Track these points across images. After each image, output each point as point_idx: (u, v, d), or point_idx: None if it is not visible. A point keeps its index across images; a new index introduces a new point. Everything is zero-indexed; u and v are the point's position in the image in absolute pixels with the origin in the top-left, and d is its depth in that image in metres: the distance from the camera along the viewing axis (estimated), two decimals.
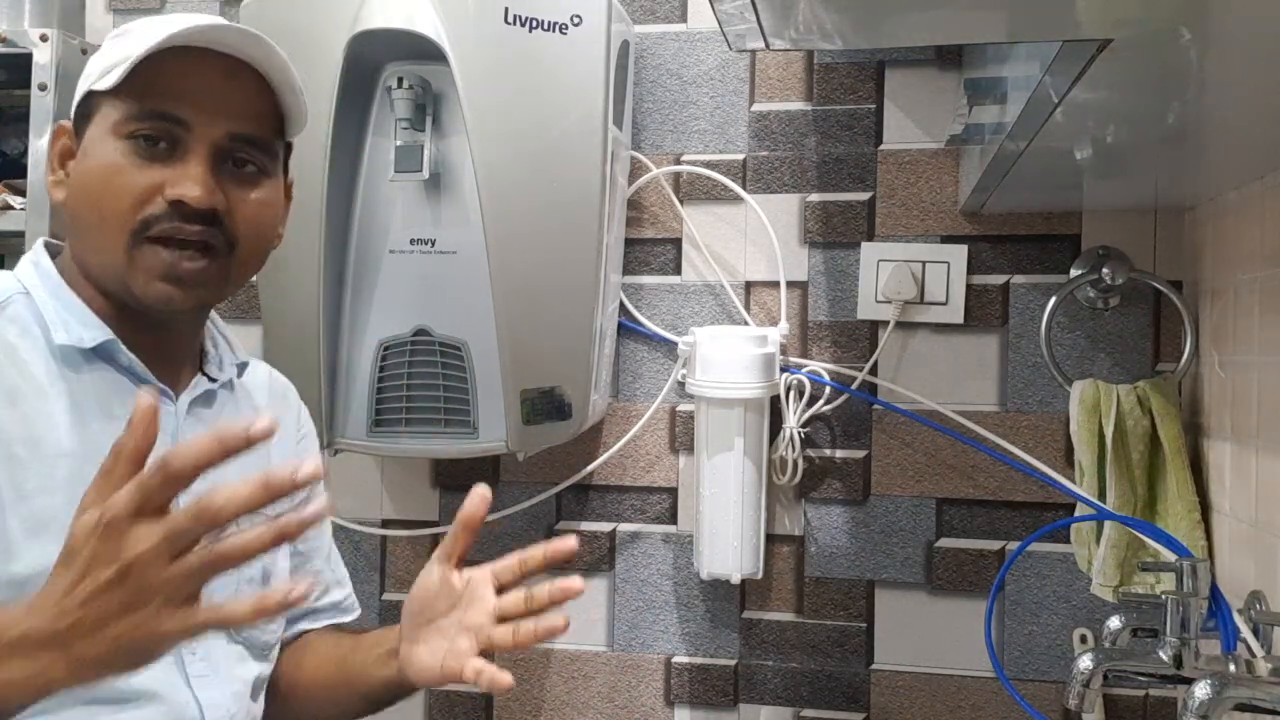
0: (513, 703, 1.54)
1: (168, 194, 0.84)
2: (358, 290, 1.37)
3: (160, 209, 0.84)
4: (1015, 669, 1.42)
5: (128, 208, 0.84)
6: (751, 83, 1.50)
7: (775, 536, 1.48)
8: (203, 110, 0.86)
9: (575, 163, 1.29)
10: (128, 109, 0.85)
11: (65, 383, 0.85)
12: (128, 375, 0.88)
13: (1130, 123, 0.95)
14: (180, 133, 0.85)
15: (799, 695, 1.47)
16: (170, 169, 0.85)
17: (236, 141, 0.88)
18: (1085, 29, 0.67)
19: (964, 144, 1.38)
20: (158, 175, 0.85)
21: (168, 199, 0.84)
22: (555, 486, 1.52)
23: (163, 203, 0.84)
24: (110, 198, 0.84)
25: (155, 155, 0.85)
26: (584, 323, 1.32)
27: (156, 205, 0.84)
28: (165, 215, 0.84)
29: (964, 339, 1.44)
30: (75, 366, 0.86)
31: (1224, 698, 0.86)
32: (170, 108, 0.85)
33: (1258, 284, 1.16)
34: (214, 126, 0.86)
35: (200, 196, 0.84)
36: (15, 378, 0.83)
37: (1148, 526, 1.25)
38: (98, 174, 0.85)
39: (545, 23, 1.26)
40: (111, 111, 0.86)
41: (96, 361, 0.87)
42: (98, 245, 0.86)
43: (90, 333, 0.86)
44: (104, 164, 0.85)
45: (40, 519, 0.80)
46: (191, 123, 0.85)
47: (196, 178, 0.85)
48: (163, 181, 0.84)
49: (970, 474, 1.44)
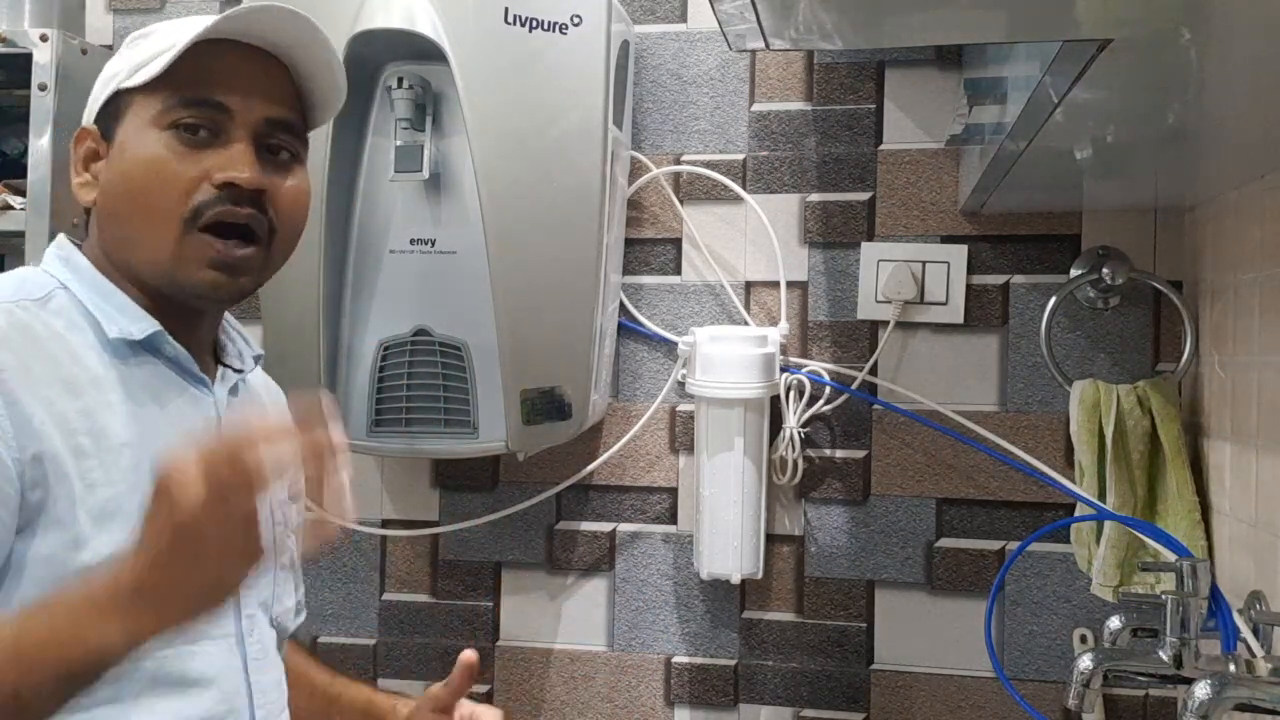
0: (513, 703, 1.54)
1: (217, 177, 0.86)
2: (358, 290, 1.37)
3: (210, 195, 0.86)
4: (1015, 669, 1.42)
5: (178, 196, 0.85)
6: (751, 83, 1.50)
7: (775, 536, 1.48)
8: (242, 96, 0.87)
9: (575, 163, 1.29)
10: (167, 100, 0.86)
11: (118, 373, 0.86)
12: (172, 366, 0.90)
13: (1130, 123, 0.95)
14: (222, 119, 0.87)
15: (799, 695, 1.47)
16: (214, 155, 0.86)
17: (273, 127, 0.90)
18: (1085, 29, 0.67)
19: (964, 144, 1.38)
20: (205, 162, 0.86)
21: (217, 182, 0.86)
22: (555, 486, 1.52)
23: (211, 188, 0.86)
24: (159, 188, 0.86)
25: (199, 143, 0.86)
26: (584, 323, 1.32)
27: (205, 191, 0.86)
28: (216, 200, 0.86)
29: (964, 339, 1.44)
30: (124, 358, 0.87)
31: (1224, 698, 0.86)
32: (211, 93, 0.86)
33: (1258, 284, 1.16)
34: (253, 112, 0.88)
35: (251, 177, 0.86)
36: (71, 369, 0.83)
37: (1148, 526, 1.25)
38: (143, 166, 0.86)
39: (545, 23, 1.26)
40: (148, 105, 0.87)
41: (143, 353, 0.88)
42: (144, 237, 0.87)
43: (139, 325, 0.87)
44: (147, 156, 0.86)
45: (106, 509, 0.81)
46: (233, 108, 0.87)
47: (245, 160, 0.87)
48: (210, 168, 0.86)
49: (970, 474, 1.44)
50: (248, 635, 0.91)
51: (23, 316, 0.83)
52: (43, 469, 0.79)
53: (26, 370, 0.81)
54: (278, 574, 0.97)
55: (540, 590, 1.54)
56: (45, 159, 1.34)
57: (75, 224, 1.35)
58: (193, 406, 0.91)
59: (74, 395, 0.82)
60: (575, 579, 1.53)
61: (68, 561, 0.79)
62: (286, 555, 0.99)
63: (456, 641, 1.55)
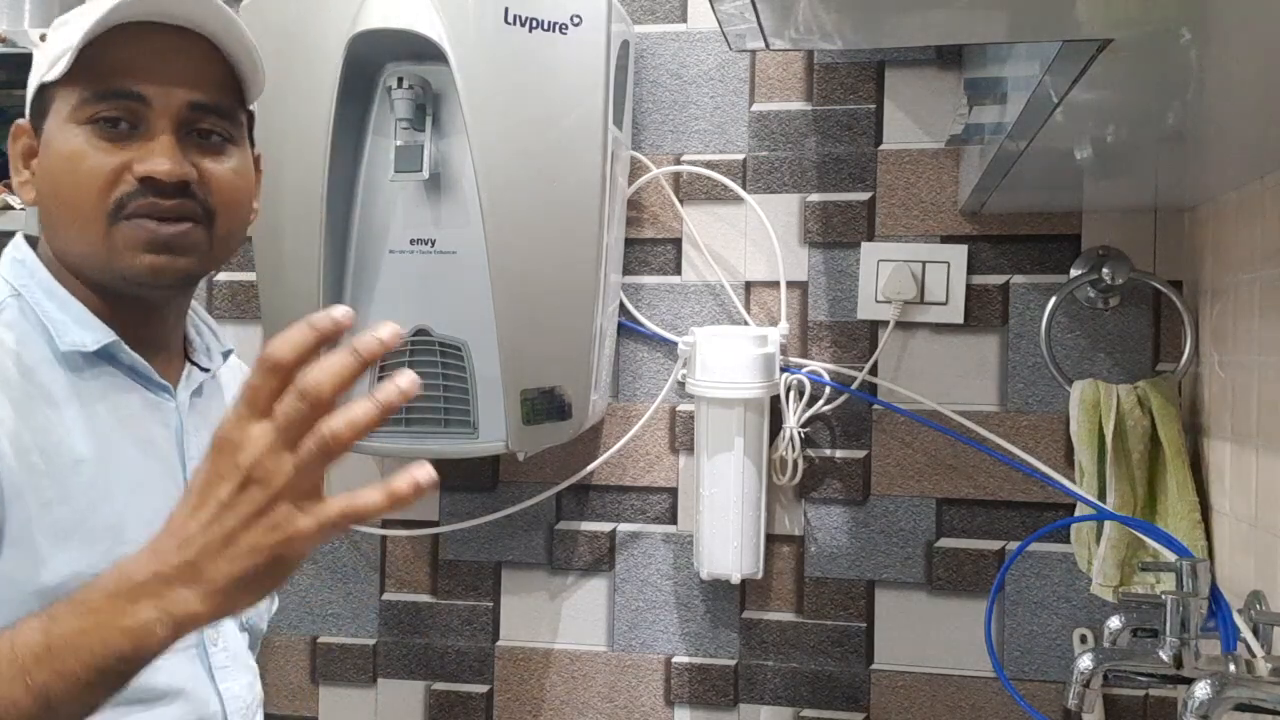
0: (513, 703, 1.54)
1: (136, 171, 0.82)
2: (358, 290, 1.37)
3: (131, 187, 0.83)
4: (1015, 669, 1.42)
5: (98, 191, 0.83)
6: (751, 83, 1.50)
7: (775, 536, 1.48)
8: (159, 83, 0.84)
9: (575, 163, 1.29)
10: (82, 94, 0.83)
11: (73, 388, 0.83)
12: (130, 374, 0.88)
13: (1130, 123, 0.95)
14: (140, 109, 0.83)
15: (799, 695, 1.47)
16: (135, 147, 0.83)
17: (198, 111, 0.86)
18: (1085, 29, 0.67)
19: (964, 144, 1.38)
20: (124, 155, 0.83)
21: (137, 176, 0.82)
22: (555, 486, 1.52)
23: (133, 181, 0.83)
24: (79, 184, 0.83)
25: (118, 136, 0.83)
26: (584, 323, 1.32)
27: (127, 184, 0.83)
28: (138, 192, 0.83)
29: (964, 339, 1.44)
30: (79, 370, 0.84)
31: (1224, 698, 0.86)
32: (126, 84, 0.83)
33: (1258, 284, 1.16)
34: (173, 98, 0.84)
35: (170, 169, 0.83)
36: (24, 386, 0.81)
37: (1148, 526, 1.25)
38: (62, 163, 0.84)
39: (545, 23, 1.26)
40: (66, 100, 0.84)
41: (99, 363, 0.86)
42: (75, 234, 0.85)
43: (93, 335, 0.85)
44: (67, 152, 0.83)
45: (63, 528, 0.79)
46: (150, 97, 0.83)
47: (164, 151, 0.83)
48: (129, 160, 0.83)
49: (970, 474, 1.44)
50: (210, 645, 0.89)
51: None
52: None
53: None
54: None
55: (540, 590, 1.54)
56: None
57: None
58: (153, 414, 0.89)
59: (27, 413, 0.80)
60: (575, 579, 1.53)
61: (27, 583, 0.77)
62: None
63: (456, 641, 1.55)
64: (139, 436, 0.87)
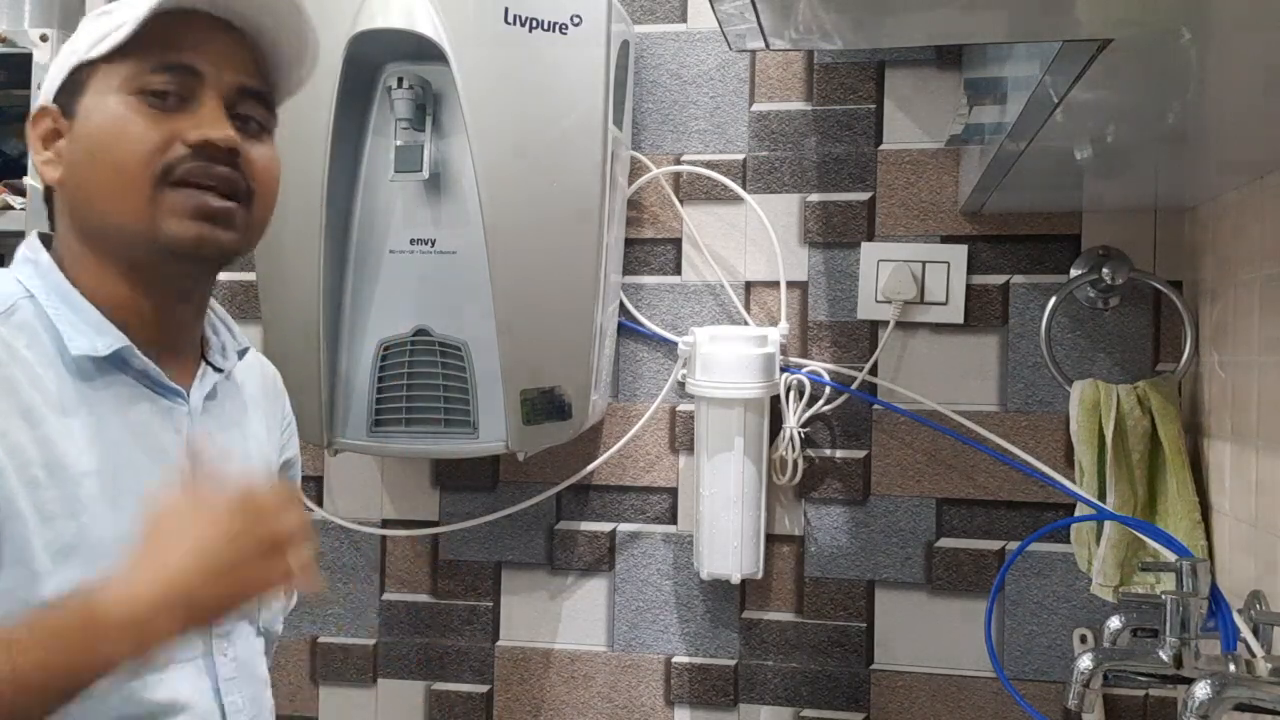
0: (513, 703, 1.54)
1: (191, 136, 0.82)
2: (358, 290, 1.37)
3: (181, 153, 0.82)
4: (1015, 669, 1.42)
5: (146, 156, 0.82)
6: (751, 83, 1.50)
7: (775, 536, 1.48)
8: (212, 60, 0.85)
9: (575, 163, 1.29)
10: (135, 66, 0.83)
11: (81, 396, 0.82)
12: (141, 379, 0.86)
13: (1130, 123, 0.95)
14: (193, 83, 0.84)
15: (799, 695, 1.47)
16: (184, 119, 0.83)
17: (244, 95, 0.87)
18: (1085, 29, 0.67)
19: (964, 144, 1.38)
20: (174, 124, 0.83)
21: (190, 141, 0.82)
22: (555, 486, 1.52)
23: (182, 148, 0.82)
24: (125, 148, 0.82)
25: (167, 108, 0.83)
26: (584, 323, 1.32)
27: (176, 150, 0.83)
28: (188, 157, 0.83)
29: (964, 339, 1.44)
30: (89, 377, 0.83)
31: (1224, 698, 0.86)
32: (181, 58, 0.84)
33: (1258, 284, 1.16)
34: (225, 75, 0.85)
35: (227, 136, 0.83)
36: (31, 395, 0.79)
37: (1148, 526, 1.25)
38: (106, 130, 0.83)
39: (545, 23, 1.26)
40: (113, 74, 0.83)
41: (110, 369, 0.84)
42: (114, 203, 0.83)
43: (104, 340, 0.83)
44: (112, 119, 0.83)
45: (66, 542, 0.78)
46: (204, 71, 0.84)
47: (217, 119, 0.84)
48: (178, 130, 0.83)
49: (970, 474, 1.44)
50: (219, 655, 0.88)
51: None
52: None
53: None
54: None
55: (540, 590, 1.54)
56: None
57: None
58: (164, 420, 0.87)
59: (31, 424, 0.79)
60: (575, 579, 1.53)
61: (28, 598, 0.76)
62: None
63: (456, 641, 1.55)
64: (149, 445, 0.85)
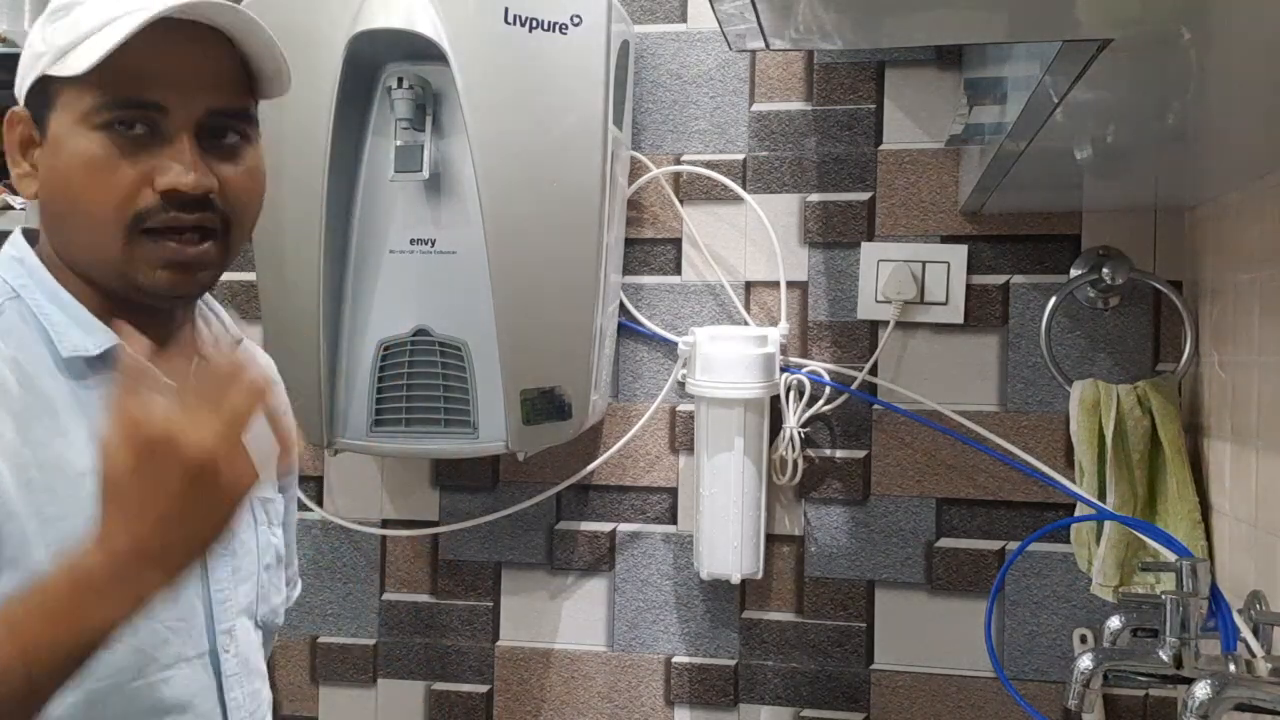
0: (513, 703, 1.54)
1: (159, 184, 0.80)
2: (358, 290, 1.37)
3: (152, 201, 0.80)
4: (1015, 669, 1.42)
5: (118, 203, 0.80)
6: (751, 83, 1.50)
7: (775, 536, 1.48)
8: (179, 90, 0.81)
9: (575, 163, 1.29)
10: (98, 98, 0.79)
11: (74, 396, 0.81)
12: None
13: (1130, 123, 0.95)
14: (159, 117, 0.80)
15: (799, 695, 1.47)
16: (155, 156, 0.80)
17: (216, 116, 0.83)
18: (1085, 29, 0.67)
19: (964, 144, 1.38)
20: (142, 165, 0.80)
21: (159, 189, 0.80)
22: (555, 486, 1.52)
23: (153, 195, 0.80)
24: (96, 195, 0.80)
25: (135, 143, 0.80)
26: (584, 323, 1.32)
27: (147, 198, 0.80)
28: (159, 207, 0.80)
29: (964, 339, 1.44)
30: (81, 376, 0.82)
31: (1224, 698, 0.86)
32: (145, 94, 0.80)
33: (1258, 284, 1.16)
34: (193, 105, 0.81)
35: (194, 181, 0.80)
36: (24, 397, 0.79)
37: (1148, 526, 1.25)
38: (78, 169, 0.80)
39: (545, 23, 1.26)
40: (78, 100, 0.80)
41: (102, 368, 0.83)
42: (88, 242, 0.82)
43: (94, 339, 0.82)
44: (82, 158, 0.80)
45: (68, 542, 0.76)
46: (169, 106, 0.80)
47: (186, 162, 0.80)
48: (150, 170, 0.80)
49: (970, 474, 1.44)
50: (223, 651, 0.87)
51: None
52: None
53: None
54: (261, 574, 0.93)
55: (540, 590, 1.54)
56: None
57: None
58: None
59: (26, 426, 0.78)
60: (575, 579, 1.53)
61: None
62: (270, 553, 0.95)
63: (456, 641, 1.55)
64: None
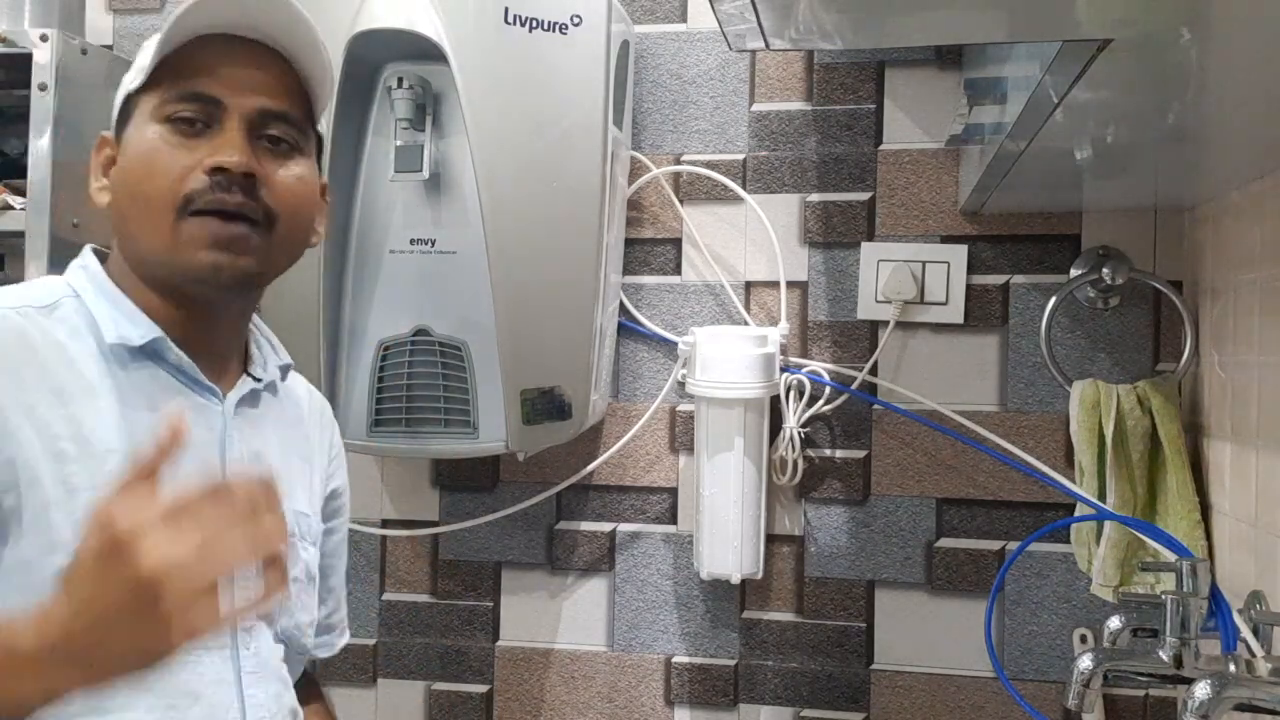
0: (513, 703, 1.54)
1: (206, 163, 0.86)
2: (358, 290, 1.37)
3: (201, 183, 0.86)
4: (1015, 669, 1.42)
5: (170, 185, 0.86)
6: (751, 83, 1.50)
7: (775, 536, 1.48)
8: (234, 87, 0.88)
9: (575, 163, 1.29)
10: (163, 95, 0.87)
11: (113, 380, 0.85)
12: (176, 374, 0.89)
13: (1130, 123, 0.95)
14: (214, 110, 0.88)
15: (799, 695, 1.47)
16: (207, 144, 0.87)
17: (269, 117, 0.90)
18: (1085, 29, 0.67)
19: (964, 144, 1.38)
20: (196, 151, 0.87)
21: (206, 168, 0.86)
22: (555, 486, 1.52)
23: (202, 175, 0.86)
24: (153, 178, 0.87)
25: (192, 134, 0.87)
26: (584, 323, 1.32)
27: (196, 179, 0.86)
28: (206, 188, 0.86)
29: (964, 339, 1.44)
30: (124, 364, 0.87)
31: (1224, 698, 0.86)
32: (203, 87, 0.87)
33: (1258, 284, 1.16)
34: (246, 102, 0.88)
35: (239, 160, 0.86)
36: (64, 376, 0.83)
37: (1148, 526, 1.25)
38: (140, 160, 0.88)
39: (545, 23, 1.26)
40: (148, 102, 0.88)
41: (145, 360, 0.88)
42: (145, 230, 0.88)
43: (139, 330, 0.87)
44: (144, 150, 0.88)
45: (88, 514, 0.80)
46: (224, 99, 0.88)
47: (233, 144, 0.87)
48: (201, 157, 0.86)
49: (970, 474, 1.44)
50: (243, 648, 0.90)
51: (19, 322, 0.84)
52: (14, 474, 0.79)
53: (13, 375, 0.81)
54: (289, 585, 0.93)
55: (540, 590, 1.54)
56: (45, 159, 1.34)
57: (75, 224, 1.35)
58: (197, 416, 0.89)
59: (62, 402, 0.82)
60: (575, 579, 1.53)
61: (45, 566, 0.77)
62: (300, 567, 0.97)
63: (456, 641, 1.55)
64: None
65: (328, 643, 1.11)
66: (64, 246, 1.32)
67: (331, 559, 1.10)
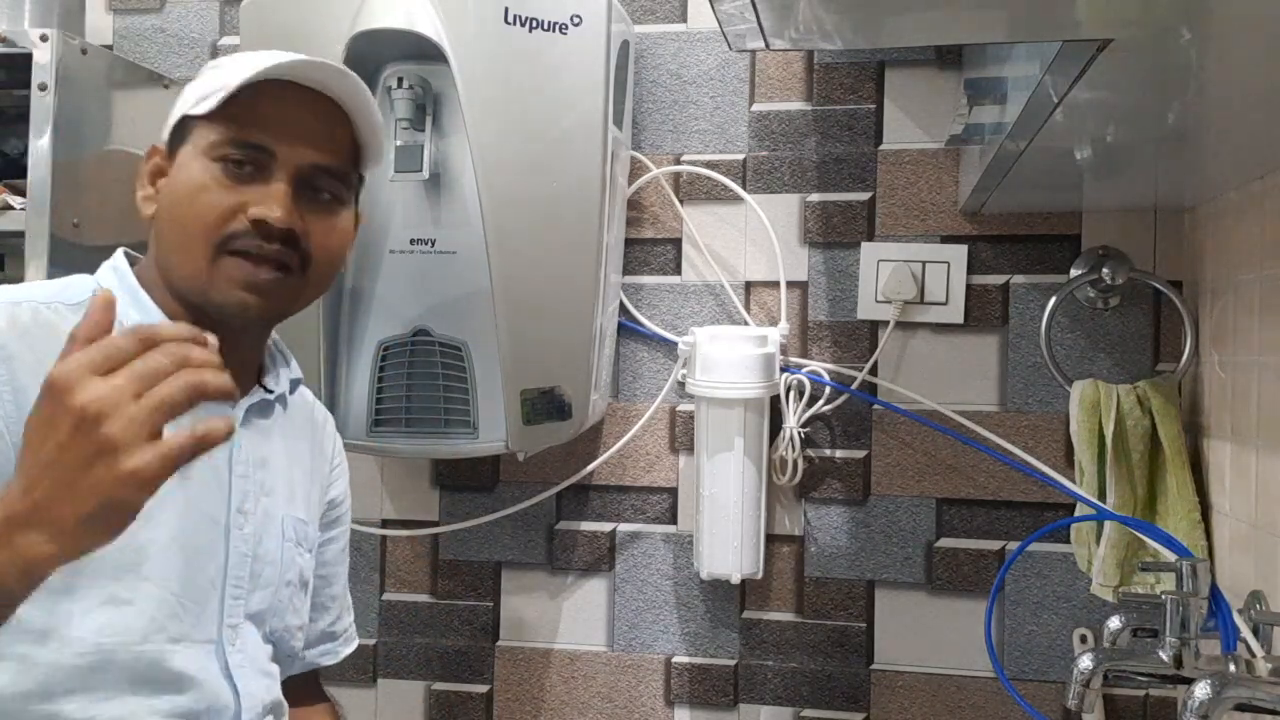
0: (513, 703, 1.54)
1: (251, 213, 0.90)
2: (358, 290, 1.37)
3: (243, 226, 0.90)
4: (1015, 669, 1.42)
5: (213, 222, 0.90)
6: (751, 83, 1.50)
7: (775, 536, 1.48)
8: (288, 140, 0.92)
9: (575, 163, 1.29)
10: (220, 134, 0.91)
11: None
12: None
13: (1130, 123, 0.95)
14: (265, 159, 0.91)
15: (799, 695, 1.47)
16: (254, 191, 0.91)
17: (316, 171, 0.94)
18: (1085, 29, 0.67)
19: (964, 144, 1.38)
20: (242, 196, 0.90)
21: (250, 217, 0.90)
22: (555, 486, 1.52)
23: (245, 220, 0.90)
24: (197, 212, 0.90)
25: (241, 178, 0.91)
26: (584, 323, 1.32)
27: (239, 222, 0.90)
28: (247, 232, 0.90)
29: (964, 339, 1.44)
30: None
31: (1224, 698, 0.86)
32: (258, 137, 0.91)
33: (1258, 284, 1.16)
34: (297, 155, 0.92)
35: (281, 217, 0.90)
36: None
37: (1148, 526, 1.25)
38: (187, 190, 0.91)
39: (545, 23, 1.26)
40: (205, 135, 0.91)
41: None
42: (182, 256, 0.91)
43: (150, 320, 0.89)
44: (194, 182, 0.91)
45: None
46: (277, 151, 0.91)
47: (279, 200, 0.90)
48: (246, 201, 0.90)
49: (970, 474, 1.44)
50: (229, 644, 0.92)
51: (49, 317, 0.87)
52: None
53: (40, 364, 0.82)
54: (282, 589, 0.98)
55: (540, 590, 1.54)
56: (45, 159, 1.34)
57: (76, 224, 1.35)
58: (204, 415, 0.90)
59: None
60: (575, 579, 1.53)
61: None
62: (294, 571, 1.00)
63: (456, 641, 1.55)
64: None
65: (332, 650, 1.14)
66: (64, 246, 1.32)
67: (332, 567, 1.12)
